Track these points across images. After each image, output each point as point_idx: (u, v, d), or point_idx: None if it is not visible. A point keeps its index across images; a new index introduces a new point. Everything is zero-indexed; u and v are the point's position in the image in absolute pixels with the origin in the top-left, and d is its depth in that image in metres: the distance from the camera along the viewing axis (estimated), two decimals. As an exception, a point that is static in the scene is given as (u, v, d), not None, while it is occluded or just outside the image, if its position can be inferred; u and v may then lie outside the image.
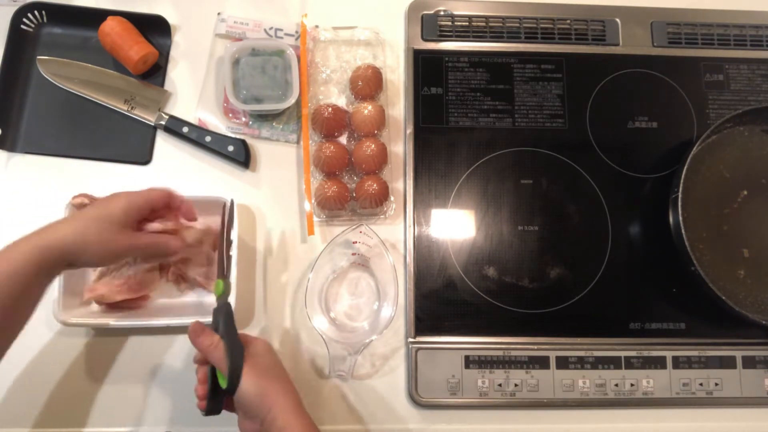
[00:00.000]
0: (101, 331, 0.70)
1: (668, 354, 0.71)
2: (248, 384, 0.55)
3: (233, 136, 0.76)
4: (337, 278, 0.73)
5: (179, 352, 0.69)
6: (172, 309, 0.69)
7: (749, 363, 0.71)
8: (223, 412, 0.59)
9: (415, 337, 0.70)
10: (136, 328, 0.69)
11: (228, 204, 0.66)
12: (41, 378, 0.68)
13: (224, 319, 0.58)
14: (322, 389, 0.69)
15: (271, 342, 0.70)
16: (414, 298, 0.71)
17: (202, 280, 0.70)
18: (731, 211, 0.75)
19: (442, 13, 0.82)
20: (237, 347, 0.56)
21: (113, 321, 0.66)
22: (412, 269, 0.72)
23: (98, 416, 0.67)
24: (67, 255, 0.55)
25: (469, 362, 0.69)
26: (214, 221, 0.69)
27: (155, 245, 0.61)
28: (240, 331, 0.59)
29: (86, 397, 0.68)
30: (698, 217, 0.73)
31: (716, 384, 0.70)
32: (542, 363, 0.70)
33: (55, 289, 0.64)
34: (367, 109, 0.73)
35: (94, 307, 0.69)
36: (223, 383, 0.55)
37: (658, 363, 0.70)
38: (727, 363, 0.71)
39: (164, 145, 0.77)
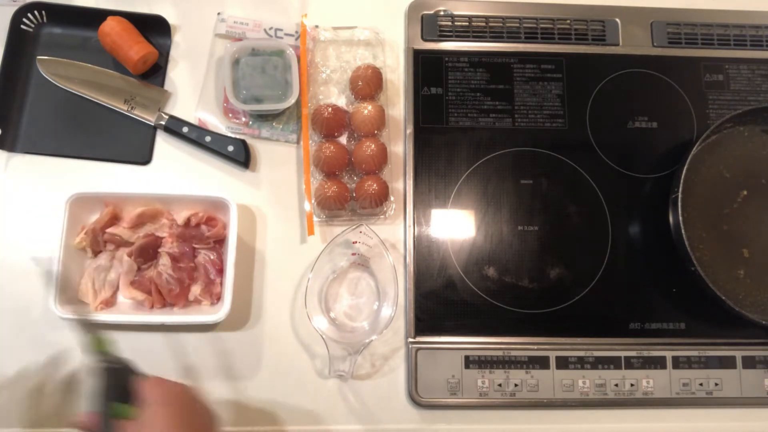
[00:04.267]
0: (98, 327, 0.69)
1: (668, 354, 0.71)
2: None
3: (233, 136, 0.76)
4: (337, 278, 0.73)
5: (177, 349, 0.69)
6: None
7: (749, 363, 0.71)
8: None
9: (415, 337, 0.70)
10: (134, 324, 0.69)
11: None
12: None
13: (97, 389, 0.52)
14: (322, 389, 0.69)
15: (271, 342, 0.70)
16: (414, 298, 0.71)
17: (201, 296, 0.69)
18: (731, 211, 0.75)
19: (442, 13, 0.82)
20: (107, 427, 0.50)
21: (111, 317, 0.66)
22: (412, 269, 0.72)
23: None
24: None
25: (469, 362, 0.69)
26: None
27: None
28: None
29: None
30: (698, 217, 0.73)
31: (716, 384, 0.70)
32: (542, 363, 0.70)
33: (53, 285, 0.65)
34: (367, 109, 0.73)
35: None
36: None
37: (658, 363, 0.70)
38: (727, 363, 0.71)
39: (164, 145, 0.77)
